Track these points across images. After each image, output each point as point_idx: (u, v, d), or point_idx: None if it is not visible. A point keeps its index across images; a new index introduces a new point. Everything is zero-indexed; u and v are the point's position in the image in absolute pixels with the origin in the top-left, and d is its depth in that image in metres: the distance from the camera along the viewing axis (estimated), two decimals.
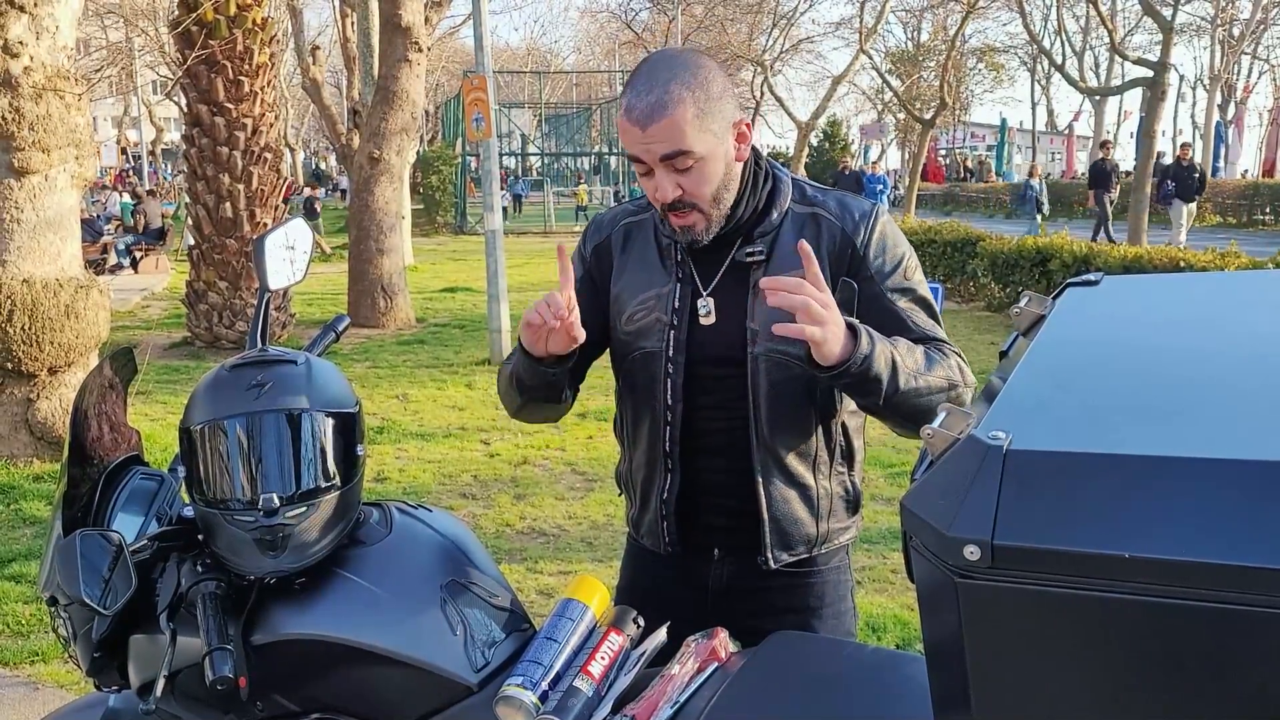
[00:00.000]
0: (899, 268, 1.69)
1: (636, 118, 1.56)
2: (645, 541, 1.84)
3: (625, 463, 1.87)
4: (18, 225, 5.70)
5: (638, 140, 1.58)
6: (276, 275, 1.79)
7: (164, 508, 1.71)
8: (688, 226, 1.64)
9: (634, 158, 1.62)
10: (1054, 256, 10.18)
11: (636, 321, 1.75)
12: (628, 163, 24.20)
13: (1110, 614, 0.78)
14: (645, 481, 1.79)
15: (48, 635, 3.85)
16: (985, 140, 49.03)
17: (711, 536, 1.79)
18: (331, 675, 1.51)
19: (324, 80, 18.67)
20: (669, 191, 1.59)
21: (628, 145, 1.62)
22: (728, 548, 1.79)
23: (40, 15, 5.62)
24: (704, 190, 1.60)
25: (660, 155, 1.57)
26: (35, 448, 5.93)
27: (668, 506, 1.76)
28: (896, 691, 1.38)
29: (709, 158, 1.59)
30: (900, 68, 38.39)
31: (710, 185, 1.61)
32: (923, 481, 0.89)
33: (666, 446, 1.74)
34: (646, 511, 1.81)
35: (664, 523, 1.77)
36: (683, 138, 1.55)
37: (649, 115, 1.55)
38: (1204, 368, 0.99)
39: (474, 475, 5.92)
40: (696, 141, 1.56)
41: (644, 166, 1.61)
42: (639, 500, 1.83)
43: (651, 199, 1.65)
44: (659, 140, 1.55)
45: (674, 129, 1.55)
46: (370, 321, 10.95)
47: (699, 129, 1.56)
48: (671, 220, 1.66)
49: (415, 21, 10.74)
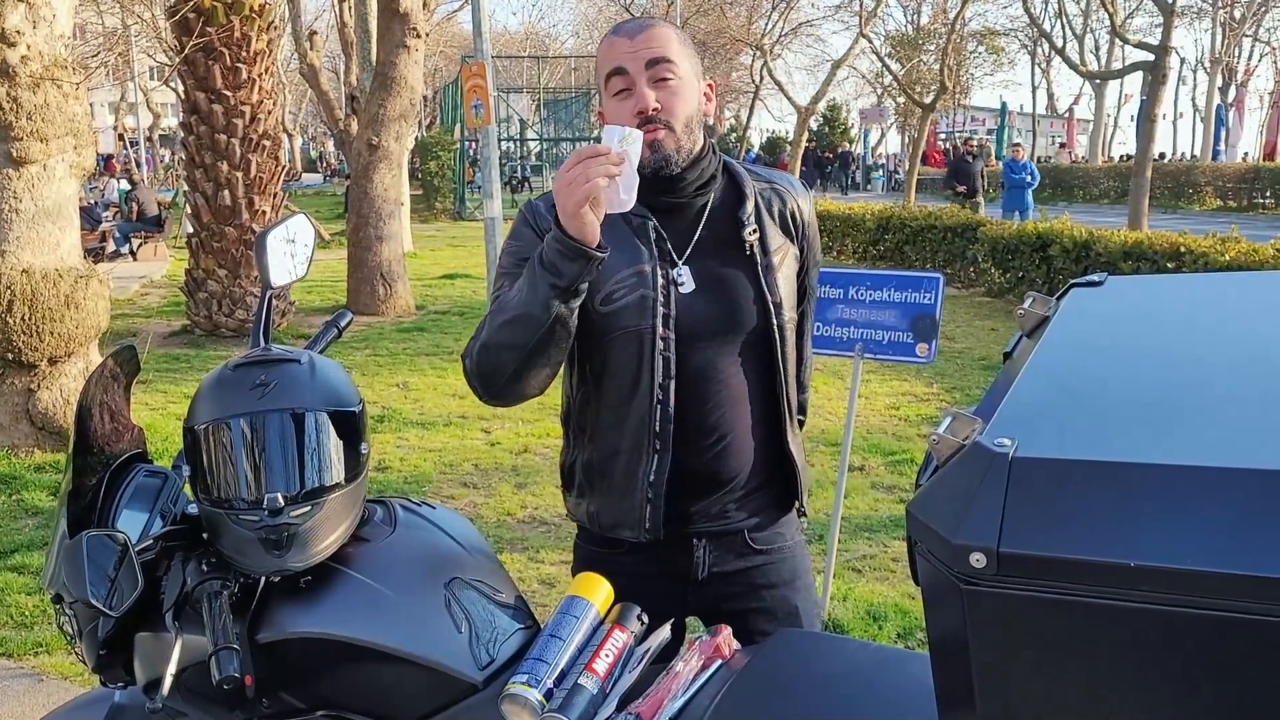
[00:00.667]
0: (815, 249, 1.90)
1: (626, 31, 1.70)
2: (619, 533, 1.77)
3: (592, 451, 1.79)
4: (16, 215, 5.69)
5: (624, 50, 1.68)
6: (278, 271, 1.79)
7: (168, 505, 1.71)
8: (659, 142, 1.68)
9: (615, 72, 1.68)
10: (1054, 242, 10.15)
11: (617, 300, 1.71)
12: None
13: (1115, 622, 0.79)
14: (625, 468, 1.75)
15: (51, 627, 3.86)
16: (985, 124, 48.87)
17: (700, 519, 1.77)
18: (337, 673, 1.52)
19: (321, 66, 18.59)
20: (649, 99, 1.66)
21: (610, 59, 1.69)
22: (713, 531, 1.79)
23: (37, 4, 5.60)
24: (679, 108, 1.69)
25: (646, 60, 1.66)
26: (36, 438, 5.93)
27: (655, 489, 1.72)
28: (901, 690, 1.38)
29: (687, 80, 1.70)
30: (900, 51, 38.24)
31: (685, 107, 1.70)
32: (928, 487, 0.90)
33: (656, 427, 1.71)
34: (622, 500, 1.75)
35: (647, 507, 1.73)
36: (668, 47, 1.68)
37: (639, 28, 1.71)
38: (1209, 373, 0.99)
39: (475, 464, 5.93)
40: (679, 56, 1.69)
41: (622, 81, 1.68)
42: (614, 490, 1.76)
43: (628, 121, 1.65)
44: (646, 46, 1.67)
45: (662, 38, 1.69)
46: (370, 309, 10.94)
47: (681, 49, 1.70)
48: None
49: (413, 7, 10.70)
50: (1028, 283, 10.45)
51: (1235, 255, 8.17)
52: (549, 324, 1.59)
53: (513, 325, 1.61)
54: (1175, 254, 8.72)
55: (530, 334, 1.60)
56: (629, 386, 1.73)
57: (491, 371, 1.67)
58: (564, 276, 1.55)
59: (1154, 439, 0.86)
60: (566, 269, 1.55)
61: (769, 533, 1.83)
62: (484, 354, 1.66)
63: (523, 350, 1.61)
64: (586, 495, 1.82)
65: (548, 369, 1.67)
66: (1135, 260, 9.11)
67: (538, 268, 1.58)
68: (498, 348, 1.64)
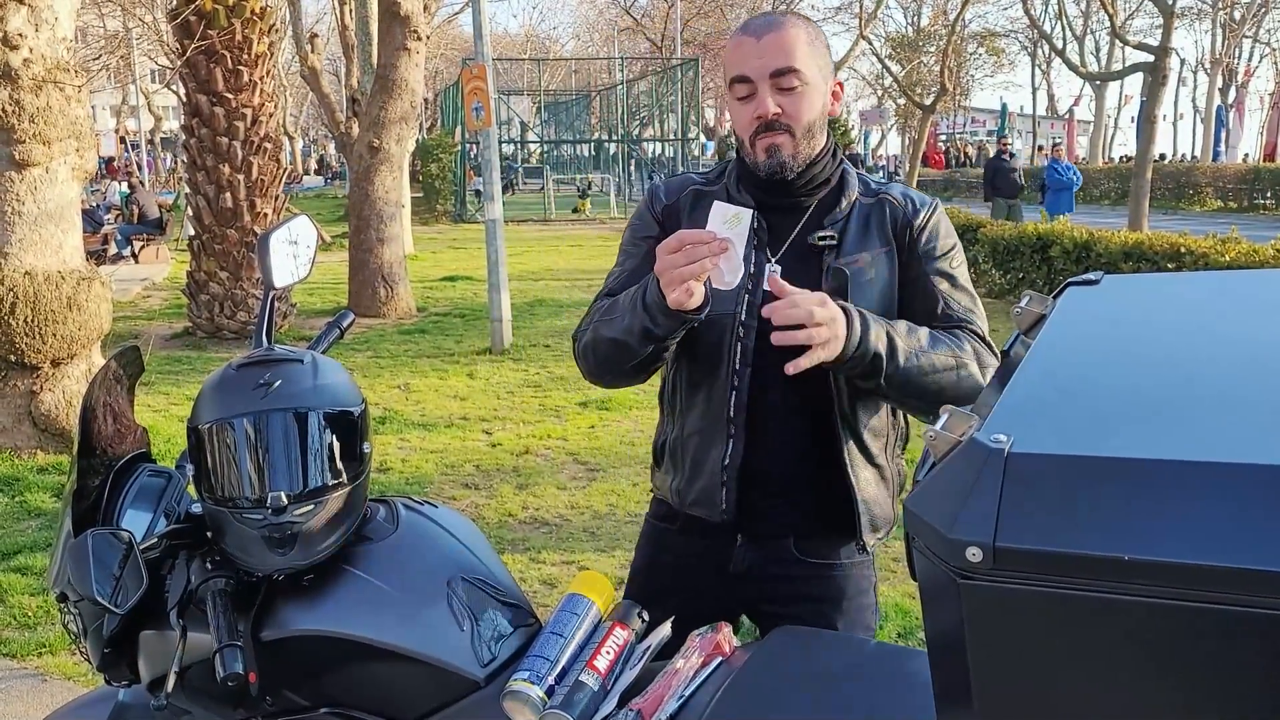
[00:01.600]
0: (946, 255, 1.77)
1: (753, 30, 1.67)
2: (695, 510, 1.80)
3: (674, 431, 1.85)
4: (19, 218, 5.71)
5: (751, 51, 1.65)
6: (281, 273, 1.80)
7: (172, 504, 1.73)
8: (777, 147, 1.67)
9: (739, 79, 1.66)
10: (1055, 243, 10.17)
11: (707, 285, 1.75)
12: (626, 150, 23.89)
13: (1111, 616, 0.79)
14: (700, 448, 1.78)
15: (55, 627, 3.87)
16: (986, 125, 48.91)
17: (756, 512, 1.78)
18: (340, 671, 1.53)
19: (322, 68, 18.61)
20: (770, 106, 1.65)
21: (736, 64, 1.67)
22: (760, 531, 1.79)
23: (39, 7, 5.61)
24: (802, 115, 1.67)
25: (771, 69, 1.64)
26: (39, 439, 5.94)
27: (729, 472, 1.75)
28: (900, 686, 1.39)
29: (813, 86, 1.67)
30: (900, 53, 38.27)
31: (808, 113, 1.68)
32: (925, 483, 0.90)
33: (730, 413, 1.74)
34: (699, 478, 1.78)
35: (723, 489, 1.75)
36: (794, 54, 1.65)
37: (766, 28, 1.66)
38: (1205, 369, 1.00)
39: (476, 465, 5.94)
40: (806, 63, 1.66)
41: (746, 89, 1.66)
42: (689, 468, 1.81)
43: (746, 124, 1.68)
44: (772, 52, 1.64)
45: (789, 43, 1.65)
46: (371, 311, 10.95)
47: (809, 54, 1.66)
48: (760, 144, 1.68)
49: (414, 9, 10.71)
50: (1028, 283, 10.47)
51: (1235, 256, 8.18)
52: (644, 356, 1.67)
53: (613, 345, 1.71)
54: (1175, 255, 8.73)
55: (628, 357, 1.70)
56: (710, 370, 1.76)
57: (594, 368, 1.80)
58: (660, 328, 1.62)
59: (1149, 435, 0.87)
60: (662, 323, 1.61)
61: (820, 547, 1.80)
62: (588, 351, 1.79)
63: (621, 365, 1.73)
64: (671, 472, 1.86)
65: (644, 374, 1.77)
66: (1135, 261, 9.12)
67: (640, 306, 1.63)
68: (600, 355, 1.75)
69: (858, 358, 1.55)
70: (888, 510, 1.80)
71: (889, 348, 1.58)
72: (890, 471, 1.81)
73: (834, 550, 1.81)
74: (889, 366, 1.58)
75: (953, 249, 1.78)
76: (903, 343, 1.59)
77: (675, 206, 1.83)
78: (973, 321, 1.73)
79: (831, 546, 1.80)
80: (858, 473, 1.75)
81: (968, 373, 1.64)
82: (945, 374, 1.62)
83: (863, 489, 1.75)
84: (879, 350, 1.56)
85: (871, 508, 1.77)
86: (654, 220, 1.84)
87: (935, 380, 1.61)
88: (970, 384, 1.63)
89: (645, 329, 1.63)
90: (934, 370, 1.61)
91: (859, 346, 1.54)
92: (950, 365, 1.63)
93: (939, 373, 1.62)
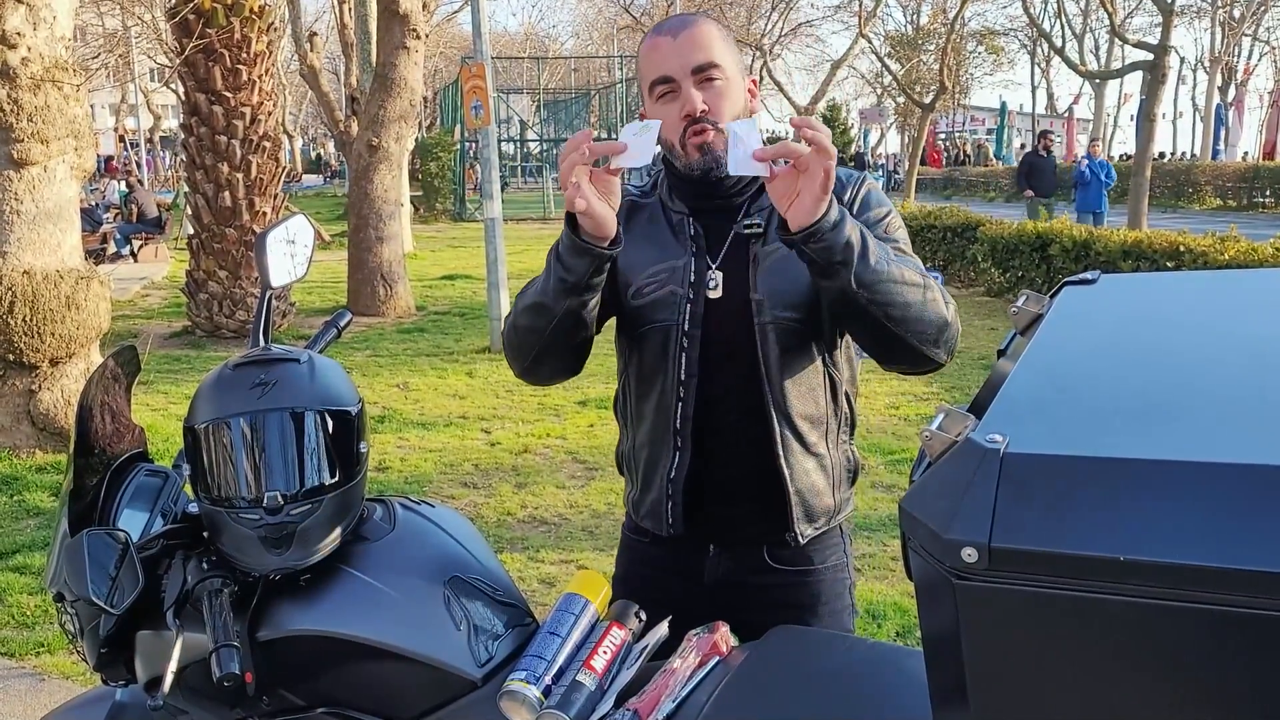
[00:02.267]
0: (881, 222, 1.72)
1: (668, 30, 1.67)
2: (645, 523, 1.81)
3: (627, 442, 1.85)
4: (17, 217, 5.71)
5: (670, 51, 1.65)
6: (278, 272, 1.80)
7: (169, 504, 1.73)
8: (708, 144, 1.65)
9: (660, 80, 1.65)
10: (1054, 241, 10.17)
11: (646, 295, 1.73)
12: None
13: (1105, 615, 0.79)
14: (649, 460, 1.77)
15: (53, 627, 3.87)
16: (985, 124, 48.89)
17: (715, 523, 1.77)
18: (337, 670, 1.53)
19: (322, 67, 18.61)
20: (697, 102, 1.64)
21: (655, 65, 1.66)
22: (728, 540, 1.78)
23: (38, 6, 5.61)
24: (726, 109, 1.66)
25: (692, 65, 1.63)
26: (37, 439, 5.94)
27: (674, 486, 1.74)
28: (897, 686, 1.39)
29: (733, 81, 1.67)
30: (899, 51, 38.26)
31: (732, 108, 1.67)
32: (921, 483, 0.90)
33: (677, 424, 1.72)
34: (649, 491, 1.78)
35: (669, 502, 1.75)
36: (712, 49, 1.65)
37: (681, 26, 1.67)
38: (1200, 369, 1.00)
39: (475, 464, 5.94)
40: (723, 57, 1.66)
41: (668, 88, 1.65)
42: (640, 480, 1.80)
43: (673, 124, 1.66)
44: (691, 49, 1.64)
45: (705, 38, 1.65)
46: (370, 310, 10.95)
47: (724, 48, 1.67)
48: (691, 143, 1.66)
49: (413, 8, 10.71)
50: (1027, 282, 10.46)
51: (1235, 254, 8.18)
52: (561, 315, 1.62)
53: (530, 311, 1.66)
54: (1175, 253, 8.73)
55: (545, 322, 1.64)
56: (654, 381, 1.74)
57: (516, 351, 1.74)
58: (572, 272, 1.57)
59: (1144, 435, 0.87)
60: (573, 264, 1.57)
61: (792, 553, 1.77)
62: (511, 333, 1.74)
63: (540, 335, 1.67)
64: (630, 483, 1.86)
65: (570, 354, 1.72)
66: (1135, 259, 9.12)
67: (552, 259, 1.61)
68: (521, 330, 1.71)
69: (830, 239, 1.48)
70: (827, 500, 1.75)
71: (862, 245, 1.51)
72: (833, 460, 1.76)
73: (806, 554, 1.78)
74: (859, 264, 1.50)
75: (886, 215, 1.73)
76: (874, 246, 1.54)
77: None
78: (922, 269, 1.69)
79: (805, 550, 1.78)
80: (792, 461, 1.71)
81: (933, 296, 1.59)
82: (913, 289, 1.56)
83: (796, 479, 1.72)
84: (851, 240, 1.50)
85: (807, 498, 1.73)
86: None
87: (903, 293, 1.55)
88: (935, 311, 1.58)
89: (559, 279, 1.59)
90: (904, 281, 1.55)
91: (833, 228, 1.48)
92: (918, 283, 1.57)
93: (908, 285, 1.55)
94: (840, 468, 1.79)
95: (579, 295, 1.60)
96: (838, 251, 1.49)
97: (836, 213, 1.50)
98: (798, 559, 1.78)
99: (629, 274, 1.75)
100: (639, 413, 1.79)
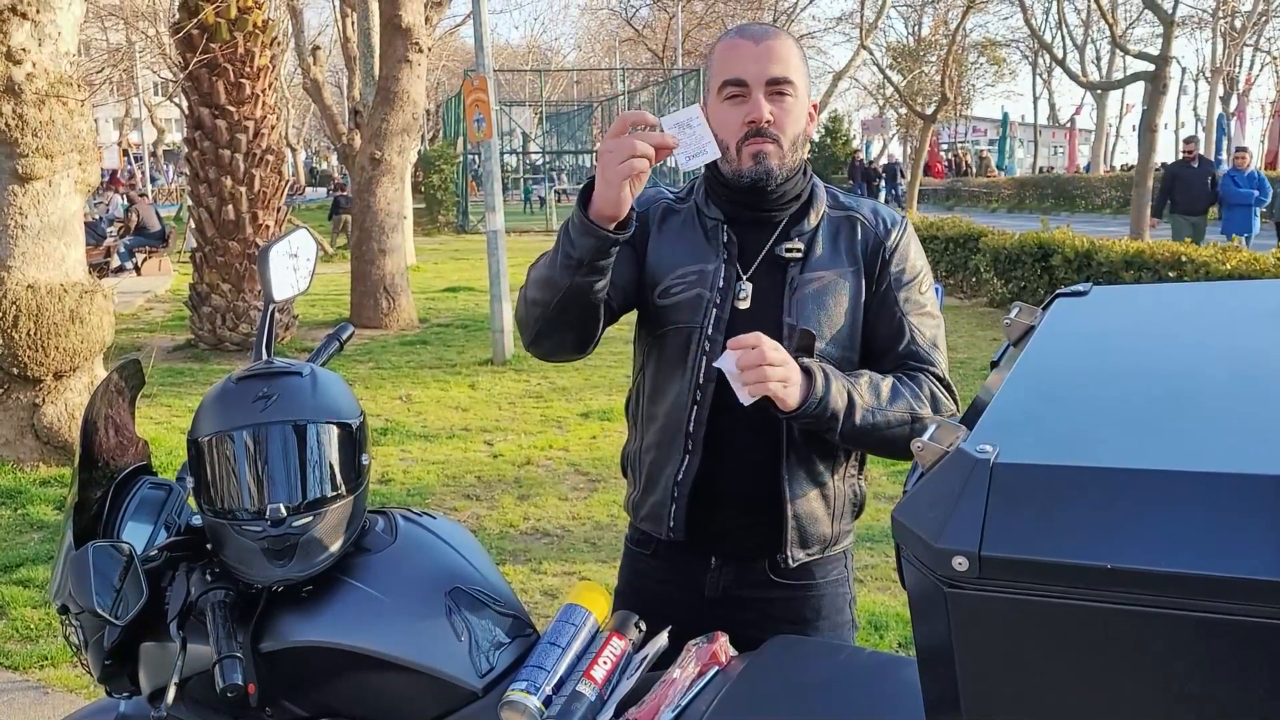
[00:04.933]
0: (916, 279, 1.75)
1: (751, 35, 1.67)
2: (644, 525, 1.81)
3: (635, 442, 1.85)
4: (22, 231, 5.73)
5: (749, 55, 1.65)
6: (281, 286, 1.81)
7: (172, 516, 1.74)
8: (764, 154, 1.66)
9: (733, 82, 1.65)
10: (1056, 252, 10.18)
11: (674, 295, 1.73)
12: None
13: (1095, 623, 0.80)
14: (656, 462, 1.77)
15: (57, 640, 3.88)
16: (987, 134, 48.96)
17: (716, 531, 1.77)
18: (339, 681, 1.54)
19: (325, 80, 18.70)
20: (765, 111, 1.64)
21: (731, 67, 1.66)
22: (728, 552, 1.79)
23: (42, 22, 5.65)
24: (789, 125, 1.67)
25: (768, 76, 1.64)
26: (41, 452, 5.96)
27: (680, 489, 1.74)
28: (894, 695, 1.40)
29: (800, 101, 1.68)
30: (901, 62, 38.37)
31: (795, 125, 1.68)
32: (913, 493, 0.92)
33: (689, 427, 1.72)
34: (652, 493, 1.78)
35: (672, 505, 1.74)
36: (790, 64, 1.66)
37: (765, 34, 1.67)
38: (1189, 380, 1.01)
39: (478, 476, 5.95)
40: (798, 75, 1.67)
41: (738, 90, 1.65)
42: (644, 481, 1.80)
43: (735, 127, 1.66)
44: (770, 59, 1.65)
45: (786, 52, 1.66)
46: (373, 322, 10.97)
47: (800, 67, 1.69)
48: (747, 149, 1.67)
49: (415, 22, 10.76)
50: (1030, 293, 10.47)
51: (1236, 264, 8.19)
52: (566, 290, 1.61)
53: (538, 284, 1.66)
54: (1176, 263, 8.73)
55: (551, 295, 1.63)
56: (671, 381, 1.75)
57: (522, 322, 1.75)
58: (577, 249, 1.57)
59: (1133, 445, 0.88)
60: (580, 243, 1.56)
61: (808, 556, 1.77)
62: (520, 304, 1.75)
63: (546, 309, 1.65)
64: (630, 485, 1.87)
65: (575, 333, 1.70)
66: (1137, 270, 9.13)
67: (561, 235, 1.61)
68: (528, 302, 1.71)
69: (816, 415, 1.56)
70: (825, 529, 1.76)
71: (848, 407, 1.57)
72: (836, 491, 1.77)
73: (808, 568, 1.79)
74: (844, 425, 1.58)
75: (921, 273, 1.77)
76: (862, 401, 1.59)
77: (644, 216, 1.80)
78: (934, 362, 1.73)
79: (807, 564, 1.78)
80: (794, 486, 1.72)
81: (922, 425, 1.62)
82: (899, 429, 1.63)
83: (796, 503, 1.73)
84: (836, 410, 1.56)
85: (804, 523, 1.74)
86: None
87: (889, 434, 1.63)
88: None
89: (566, 255, 1.58)
90: (888, 426, 1.62)
91: (819, 405, 1.55)
92: (905, 420, 1.63)
93: (893, 428, 1.62)
94: (844, 499, 1.79)
95: (585, 274, 1.59)
96: (825, 421, 1.58)
97: (821, 387, 1.55)
98: (798, 574, 1.79)
99: (657, 273, 1.76)
100: (651, 413, 1.79)
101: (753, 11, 33.34)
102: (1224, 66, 38.04)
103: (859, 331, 1.73)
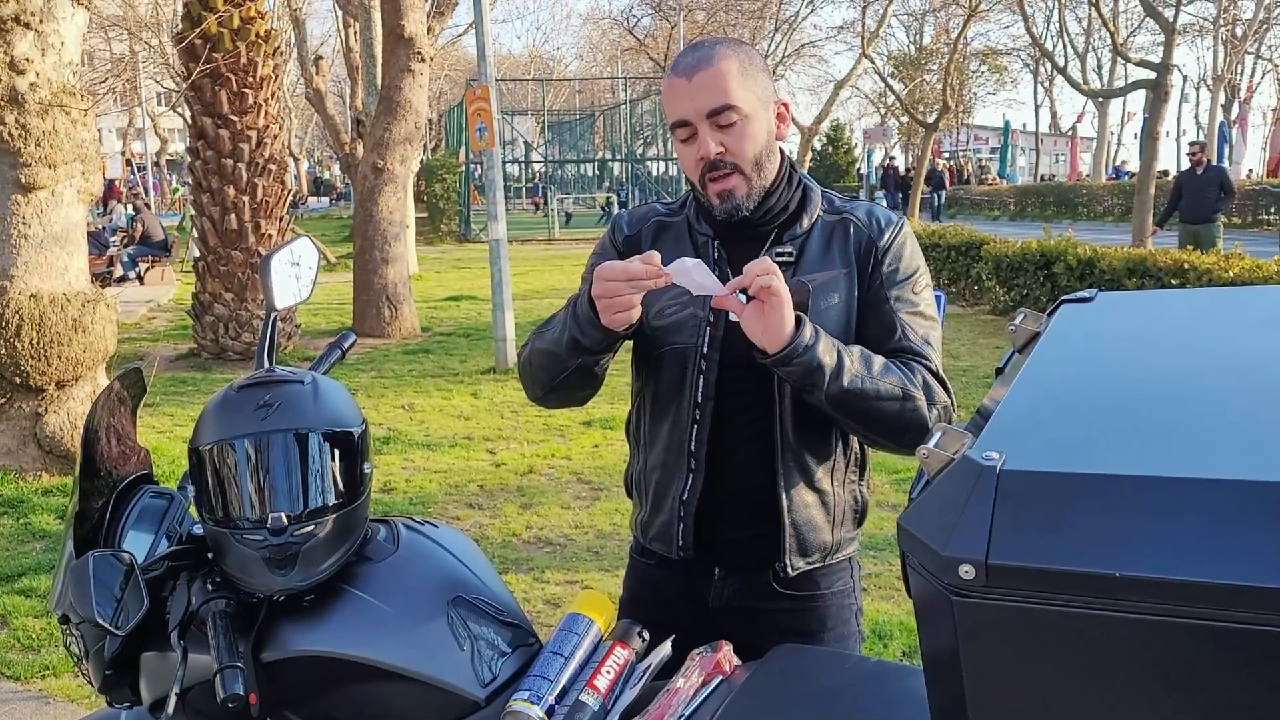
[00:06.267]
0: (909, 279, 1.73)
1: (683, 70, 1.63)
2: (654, 546, 1.81)
3: (638, 463, 1.84)
4: (25, 240, 5.74)
5: (684, 93, 1.62)
6: (283, 294, 1.81)
7: (174, 525, 1.73)
8: (728, 192, 1.65)
9: (678, 124, 1.65)
10: (1058, 259, 10.17)
11: (667, 316, 1.73)
12: (630, 167, 23.94)
13: (1102, 631, 0.80)
14: (661, 482, 1.77)
15: (58, 649, 3.87)
16: (989, 143, 49.00)
17: (723, 546, 1.77)
18: (341, 691, 1.53)
19: (327, 90, 18.75)
20: (711, 148, 1.62)
21: (673, 108, 1.65)
22: (734, 564, 1.78)
23: (46, 32, 5.66)
24: (746, 149, 1.64)
25: (706, 110, 1.61)
26: (44, 461, 5.96)
27: (686, 508, 1.74)
28: (899, 704, 1.39)
29: (752, 117, 1.63)
30: (903, 71, 38.43)
31: (753, 147, 1.65)
32: (919, 501, 0.91)
33: (691, 446, 1.72)
34: (659, 514, 1.78)
35: (680, 524, 1.74)
36: (727, 90, 1.61)
37: (695, 66, 1.62)
38: (1196, 386, 1.00)
39: (480, 485, 5.94)
40: (741, 97, 1.62)
41: (687, 131, 1.64)
42: (650, 502, 1.80)
43: (691, 166, 1.66)
44: (704, 91, 1.61)
45: (720, 79, 1.61)
46: (375, 331, 10.98)
47: (743, 85, 1.62)
48: (710, 189, 1.66)
49: (418, 32, 10.79)
50: (1032, 300, 10.46)
51: (1239, 272, 8.18)
52: (572, 368, 1.68)
53: (545, 355, 1.72)
54: (1179, 271, 8.73)
55: (558, 368, 1.70)
56: (670, 403, 1.75)
57: (530, 382, 1.81)
58: (587, 337, 1.62)
59: (1140, 451, 0.87)
60: (590, 335, 1.61)
61: (808, 564, 1.76)
62: (526, 366, 1.80)
63: (552, 377, 1.73)
64: (637, 506, 1.87)
65: (581, 391, 1.77)
66: (1139, 277, 9.12)
67: (569, 316, 1.64)
68: (535, 367, 1.76)
69: (800, 364, 1.52)
70: (824, 537, 1.75)
71: (836, 366, 1.55)
72: (836, 498, 1.76)
73: (813, 579, 1.78)
74: (832, 385, 1.54)
75: (916, 272, 1.74)
76: (851, 364, 1.57)
77: (636, 238, 1.81)
78: (928, 356, 1.69)
79: (812, 575, 1.77)
80: (792, 495, 1.71)
81: (914, 405, 1.60)
82: (889, 403, 1.59)
83: (794, 511, 1.72)
84: (824, 363, 1.53)
85: (802, 530, 1.73)
86: (614, 251, 1.82)
87: (877, 407, 1.59)
88: (916, 418, 1.60)
89: (574, 339, 1.63)
90: (878, 397, 1.58)
91: (804, 352, 1.52)
92: (896, 395, 1.60)
93: (882, 400, 1.59)
94: (844, 506, 1.78)
95: (591, 355, 1.66)
96: (811, 373, 1.54)
97: (810, 335, 1.53)
98: (803, 584, 1.77)
99: (651, 295, 1.73)
100: (653, 435, 1.79)
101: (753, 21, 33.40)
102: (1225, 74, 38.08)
103: (852, 333, 1.71)
